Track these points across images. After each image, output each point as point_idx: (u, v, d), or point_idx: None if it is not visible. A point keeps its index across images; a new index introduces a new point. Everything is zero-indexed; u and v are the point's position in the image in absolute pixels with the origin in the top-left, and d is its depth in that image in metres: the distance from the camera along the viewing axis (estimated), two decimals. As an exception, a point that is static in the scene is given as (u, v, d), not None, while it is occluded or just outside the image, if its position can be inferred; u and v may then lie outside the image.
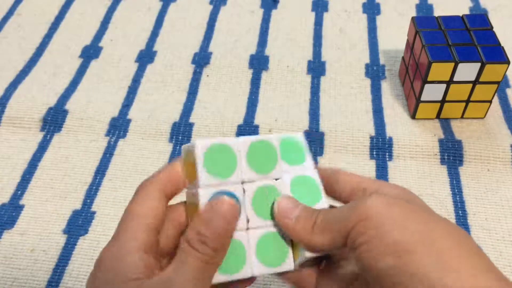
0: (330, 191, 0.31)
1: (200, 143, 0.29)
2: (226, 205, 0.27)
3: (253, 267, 0.29)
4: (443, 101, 0.51)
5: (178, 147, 0.51)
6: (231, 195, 0.28)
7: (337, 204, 0.30)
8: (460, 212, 0.46)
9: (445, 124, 0.53)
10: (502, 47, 0.49)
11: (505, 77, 0.58)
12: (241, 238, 0.29)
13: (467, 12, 0.66)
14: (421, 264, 0.23)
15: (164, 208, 0.29)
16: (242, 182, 0.30)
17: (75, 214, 0.46)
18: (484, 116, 0.53)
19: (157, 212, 0.28)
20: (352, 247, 0.26)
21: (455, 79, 0.49)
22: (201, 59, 0.60)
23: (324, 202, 0.31)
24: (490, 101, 0.52)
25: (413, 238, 0.24)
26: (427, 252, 0.24)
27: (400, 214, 0.25)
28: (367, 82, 0.58)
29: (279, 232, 0.30)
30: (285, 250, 0.30)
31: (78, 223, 0.46)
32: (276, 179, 0.31)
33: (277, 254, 0.30)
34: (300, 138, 0.32)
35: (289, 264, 0.30)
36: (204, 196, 0.28)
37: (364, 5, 0.68)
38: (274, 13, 0.67)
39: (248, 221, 0.30)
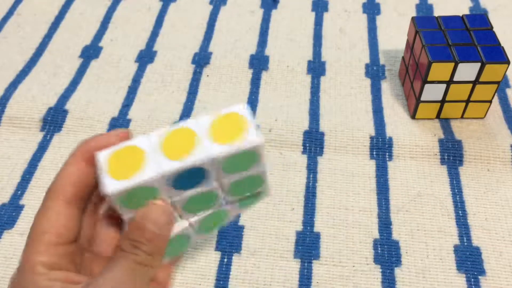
0: None
1: (110, 192, 0.25)
2: (157, 211, 0.26)
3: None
4: (443, 101, 0.51)
5: (178, 147, 0.51)
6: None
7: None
8: (460, 212, 0.46)
9: (445, 124, 0.53)
10: (502, 47, 0.49)
11: (505, 77, 0.58)
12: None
13: (467, 12, 0.66)
14: None
15: (74, 216, 0.27)
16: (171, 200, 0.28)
17: (75, 214, 0.46)
18: (484, 116, 0.53)
19: (61, 223, 0.26)
20: None
21: (455, 79, 0.49)
22: (201, 59, 0.60)
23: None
24: (490, 101, 0.52)
25: None
26: None
27: None
28: (367, 82, 0.58)
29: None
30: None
31: (78, 223, 0.46)
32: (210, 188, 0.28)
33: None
34: (259, 149, 0.27)
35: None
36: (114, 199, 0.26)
37: (364, 5, 0.68)
38: (274, 13, 0.67)
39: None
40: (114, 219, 0.29)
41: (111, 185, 0.25)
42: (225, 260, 0.43)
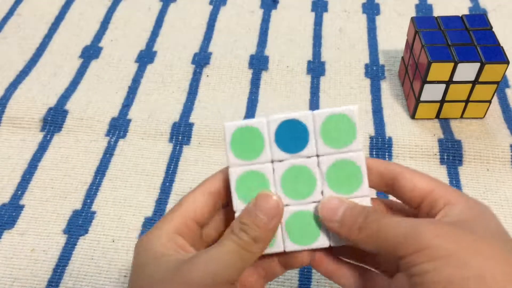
0: (391, 189, 0.31)
1: (227, 125, 0.30)
2: (271, 203, 0.29)
3: (285, 244, 0.31)
4: (442, 101, 0.51)
5: (178, 147, 0.51)
6: (259, 175, 0.30)
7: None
8: (459, 212, 0.46)
9: (445, 124, 0.53)
10: (502, 47, 0.49)
11: (504, 77, 0.58)
12: None
13: (466, 12, 0.66)
14: None
15: (210, 206, 0.31)
16: (272, 161, 0.30)
17: (75, 214, 0.46)
18: (484, 116, 0.53)
19: (199, 206, 0.30)
20: (405, 271, 0.26)
21: (454, 79, 0.49)
22: (201, 59, 0.60)
23: (364, 189, 0.30)
24: (490, 101, 0.52)
25: (468, 276, 0.24)
26: None
27: (460, 249, 0.25)
28: (367, 82, 0.58)
29: (311, 211, 0.31)
30: (318, 228, 0.31)
31: (78, 223, 0.46)
32: (309, 157, 0.31)
33: (310, 231, 0.31)
34: (351, 114, 0.30)
35: (322, 241, 0.31)
36: (233, 174, 0.30)
37: (363, 5, 0.68)
38: (274, 13, 0.67)
39: None
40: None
41: (228, 124, 0.30)
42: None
